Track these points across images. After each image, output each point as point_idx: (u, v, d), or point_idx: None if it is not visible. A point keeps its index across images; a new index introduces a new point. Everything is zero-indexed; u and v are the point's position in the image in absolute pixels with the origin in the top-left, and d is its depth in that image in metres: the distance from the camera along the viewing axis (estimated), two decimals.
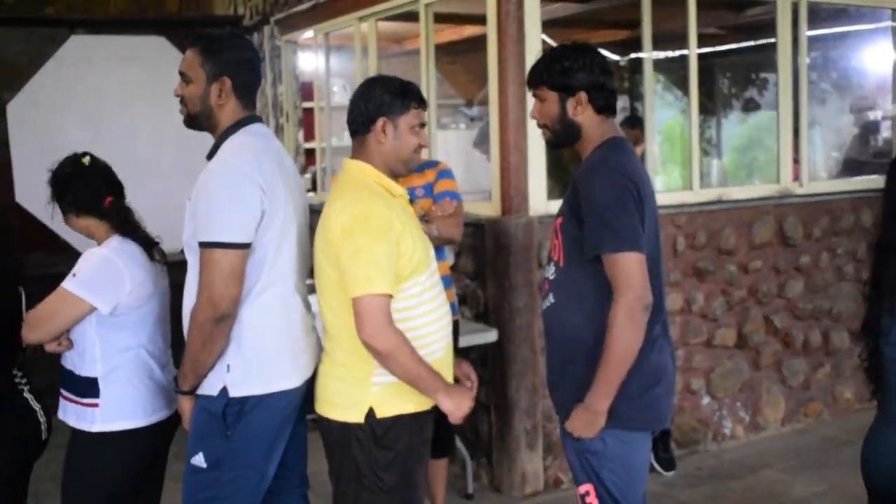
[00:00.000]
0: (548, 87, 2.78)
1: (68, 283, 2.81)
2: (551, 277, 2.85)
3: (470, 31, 7.13)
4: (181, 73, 2.85)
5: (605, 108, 2.79)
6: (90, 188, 2.93)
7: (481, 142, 7.17)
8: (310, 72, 7.10)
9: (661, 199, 5.19)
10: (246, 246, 2.66)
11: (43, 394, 3.11)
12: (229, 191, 2.66)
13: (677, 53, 7.27)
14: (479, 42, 7.25)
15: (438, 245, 3.43)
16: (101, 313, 2.83)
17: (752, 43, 8.04)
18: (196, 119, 2.86)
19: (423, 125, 2.84)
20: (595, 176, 2.71)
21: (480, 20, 6.90)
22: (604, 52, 8.68)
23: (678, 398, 5.20)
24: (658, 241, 2.84)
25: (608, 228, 2.60)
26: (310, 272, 2.89)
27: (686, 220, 5.14)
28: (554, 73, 2.77)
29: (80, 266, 2.85)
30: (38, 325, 2.85)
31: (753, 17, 6.90)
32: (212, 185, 2.69)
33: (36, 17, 6.80)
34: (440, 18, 5.86)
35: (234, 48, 2.82)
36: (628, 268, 2.58)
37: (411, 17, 5.86)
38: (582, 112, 2.75)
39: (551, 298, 2.84)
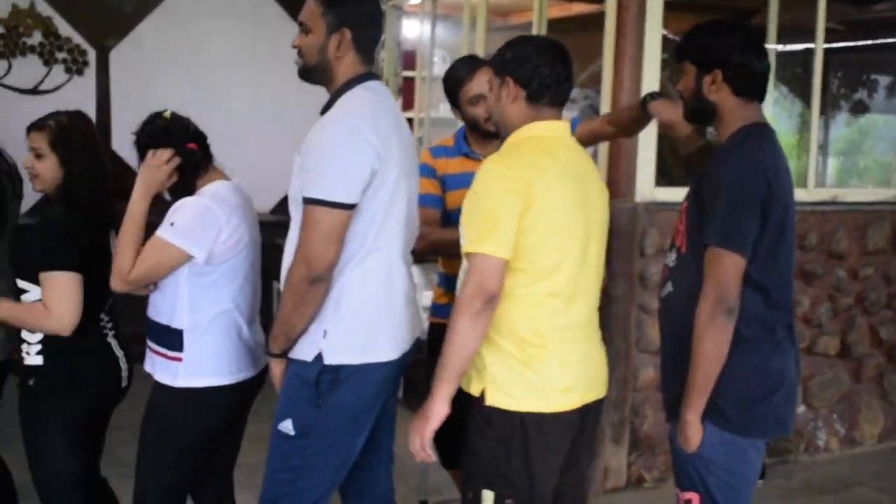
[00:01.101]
0: (688, 59, 2.61)
1: (166, 233, 2.72)
2: (671, 264, 2.68)
3: (578, 8, 6.93)
4: (300, 23, 2.70)
5: (746, 90, 2.59)
6: (173, 138, 2.83)
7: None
8: (412, 40, 6.96)
9: None
10: (351, 207, 2.52)
11: (128, 341, 3.05)
12: (340, 147, 2.53)
13: (791, 48, 6.96)
14: (586, 21, 7.09)
15: None
16: (196, 262, 2.74)
17: (870, 42, 7.71)
18: (312, 71, 2.71)
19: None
20: (725, 162, 2.53)
21: None
22: None
23: None
24: (791, 237, 2.63)
25: (721, 220, 2.43)
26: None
27: (798, 219, 4.87)
28: (691, 47, 2.62)
29: (177, 215, 2.75)
30: (139, 279, 2.76)
31: (878, 13, 6.56)
32: (323, 140, 2.56)
33: None
34: None
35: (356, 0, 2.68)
36: (723, 268, 2.42)
37: None
38: (717, 91, 2.56)
39: (669, 286, 2.67)
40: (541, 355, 2.52)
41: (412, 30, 6.88)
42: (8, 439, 3.44)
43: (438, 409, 2.49)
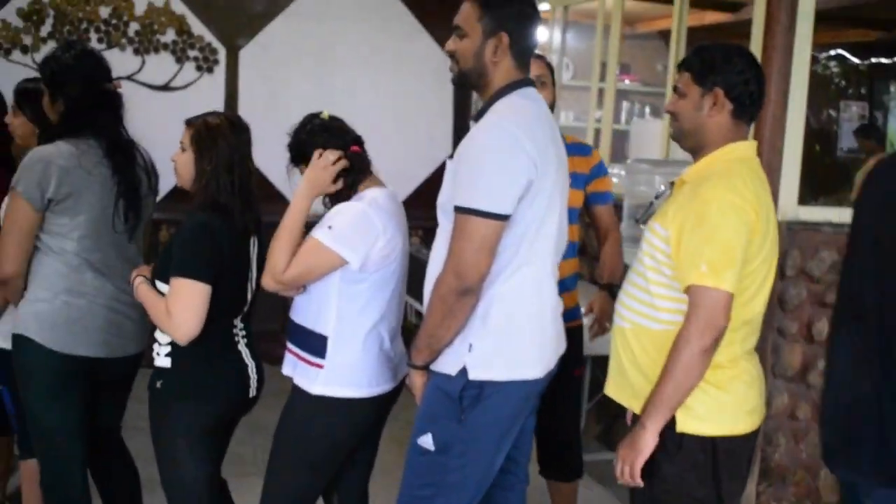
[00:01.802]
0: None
1: (322, 236, 2.68)
2: None
3: (711, 17, 6.78)
4: (455, 27, 2.62)
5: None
6: (335, 138, 2.80)
7: None
8: (541, 46, 6.87)
9: None
10: (505, 217, 2.44)
11: (268, 339, 3.05)
12: (496, 155, 2.45)
13: None
14: (718, 31, 6.96)
15: None
16: (349, 269, 2.70)
17: None
18: (466, 76, 2.63)
19: None
20: None
21: (729, 7, 6.63)
22: (844, 52, 8.15)
23: None
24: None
25: None
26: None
27: None
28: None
29: (336, 218, 2.71)
30: (294, 281, 2.73)
31: None
32: (478, 147, 2.50)
33: None
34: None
35: (514, 3, 2.59)
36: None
37: None
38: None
39: None
40: (733, 378, 2.46)
41: (540, 36, 6.77)
42: (134, 431, 3.46)
43: (650, 440, 2.40)
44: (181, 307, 2.66)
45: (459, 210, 2.45)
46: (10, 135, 3.48)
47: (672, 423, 2.42)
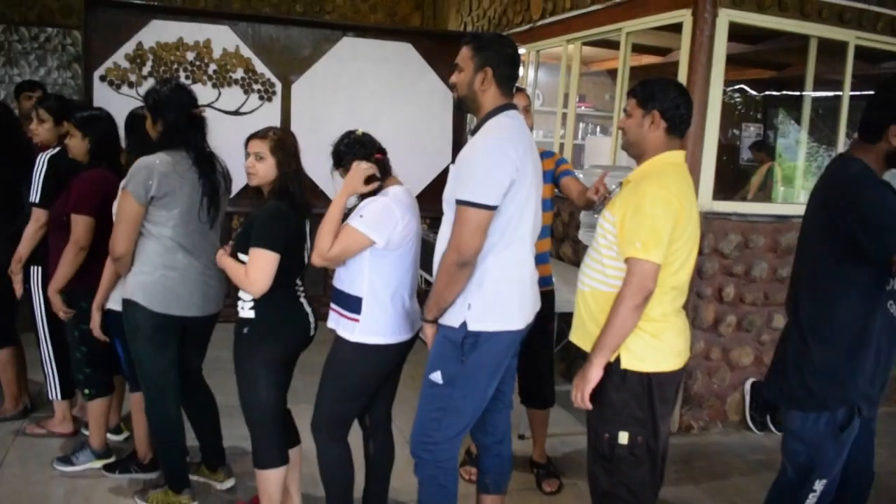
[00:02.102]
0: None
1: (356, 223, 2.67)
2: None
3: (647, 59, 6.70)
4: (455, 64, 2.65)
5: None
6: (366, 149, 2.79)
7: None
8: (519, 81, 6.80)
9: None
10: (493, 208, 2.46)
11: (313, 300, 3.03)
12: (487, 160, 2.47)
13: (814, 94, 6.62)
14: (652, 69, 6.89)
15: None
16: (377, 247, 2.69)
17: (870, 92, 7.29)
18: (464, 101, 2.66)
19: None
20: None
21: (661, 52, 6.55)
22: (745, 87, 7.99)
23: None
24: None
25: None
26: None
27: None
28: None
29: (366, 209, 2.70)
30: (336, 257, 2.71)
31: (887, 68, 6.18)
32: (473, 154, 2.50)
33: (319, 21, 6.76)
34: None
35: (498, 45, 2.61)
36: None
37: (608, 43, 5.52)
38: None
39: None
40: (665, 329, 2.47)
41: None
42: (213, 371, 3.47)
43: (596, 373, 2.43)
44: (256, 269, 2.70)
45: (459, 202, 2.47)
46: (120, 148, 3.43)
47: (618, 362, 2.44)
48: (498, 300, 2.57)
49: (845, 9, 4.48)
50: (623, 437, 2.47)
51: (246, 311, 2.82)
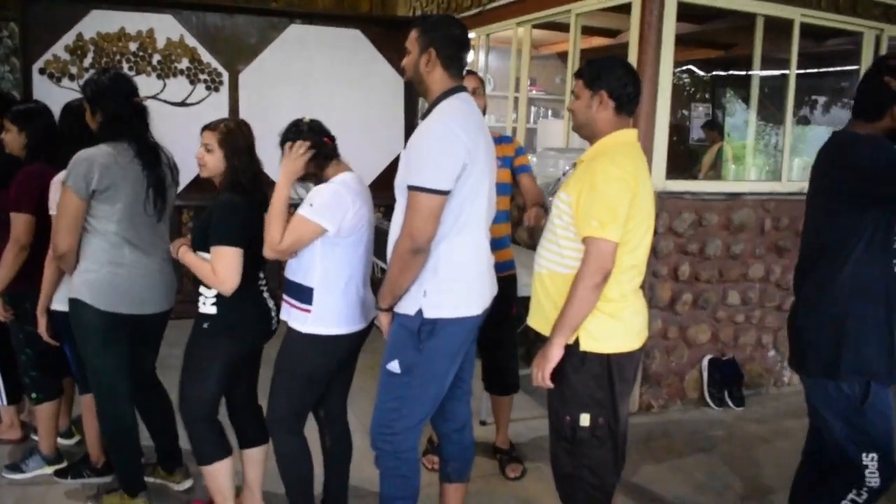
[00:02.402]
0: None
1: (306, 211, 2.59)
2: None
3: (597, 42, 6.70)
4: (404, 47, 2.56)
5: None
6: (315, 136, 2.71)
7: None
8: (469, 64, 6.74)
9: (756, 186, 4.79)
10: (445, 193, 2.39)
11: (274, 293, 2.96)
12: (438, 144, 2.40)
13: (761, 73, 6.71)
14: (602, 52, 6.89)
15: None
16: (328, 235, 2.62)
17: (816, 70, 7.41)
18: (413, 83, 2.60)
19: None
20: None
21: (611, 33, 6.55)
22: (693, 67, 8.06)
23: (751, 349, 4.80)
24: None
25: None
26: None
27: (774, 206, 4.68)
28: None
29: (315, 197, 2.62)
30: (287, 249, 2.63)
31: (831, 46, 6.27)
32: (424, 139, 2.43)
33: (266, 9, 6.62)
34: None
35: (443, 26, 2.52)
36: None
37: (558, 26, 5.49)
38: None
39: None
40: (623, 309, 2.44)
41: (469, 57, 6.63)
42: (166, 370, 3.35)
43: (556, 353, 2.41)
44: (224, 267, 2.64)
45: (411, 188, 2.40)
46: (59, 139, 3.29)
47: (577, 343, 2.42)
48: (454, 286, 2.52)
49: None
50: (584, 419, 2.46)
51: (208, 306, 2.74)
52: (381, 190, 4.25)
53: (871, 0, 4.82)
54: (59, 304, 3.09)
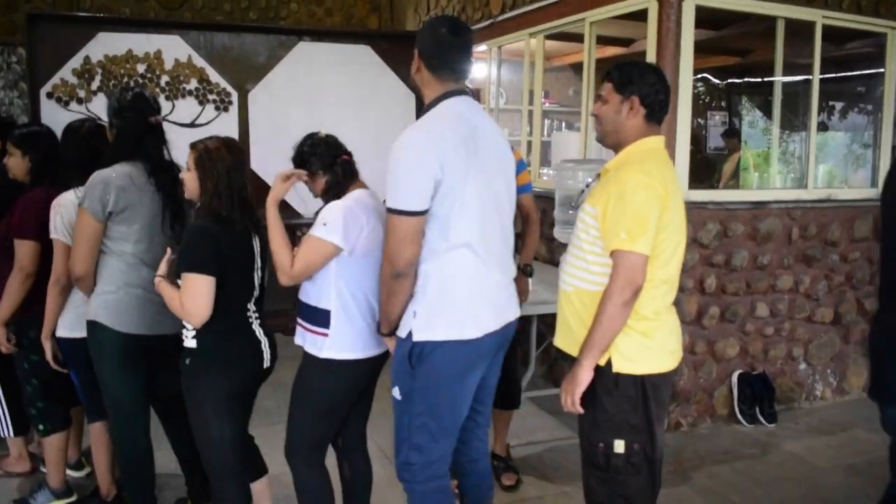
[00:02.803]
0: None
1: (319, 231, 2.47)
2: None
3: (610, 51, 6.57)
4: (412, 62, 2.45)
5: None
6: (331, 151, 2.60)
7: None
8: (479, 80, 6.63)
9: (781, 194, 4.64)
10: (419, 213, 2.23)
11: (284, 316, 2.80)
12: (406, 162, 2.24)
13: (784, 79, 6.58)
14: (615, 61, 6.76)
15: None
16: (343, 255, 2.48)
17: (835, 75, 7.25)
18: (421, 95, 2.46)
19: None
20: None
21: (624, 42, 6.43)
22: (708, 76, 7.89)
23: (781, 363, 4.63)
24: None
25: None
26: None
27: (800, 214, 4.53)
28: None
29: (327, 216, 2.49)
30: (301, 274, 2.50)
31: (850, 49, 6.12)
32: (394, 157, 2.26)
33: (274, 27, 6.56)
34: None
35: (428, 28, 2.38)
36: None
37: (570, 36, 5.38)
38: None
39: None
40: (656, 327, 2.30)
41: (479, 72, 6.53)
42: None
43: (586, 375, 2.26)
44: (190, 297, 2.44)
45: (388, 210, 2.27)
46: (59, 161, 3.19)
47: (609, 365, 2.27)
48: (444, 307, 2.34)
49: None
50: (619, 446, 2.30)
51: (189, 340, 2.56)
52: None
53: (894, 0, 4.68)
54: (64, 331, 2.99)
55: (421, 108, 6.60)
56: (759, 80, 7.98)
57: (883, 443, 4.16)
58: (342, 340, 2.54)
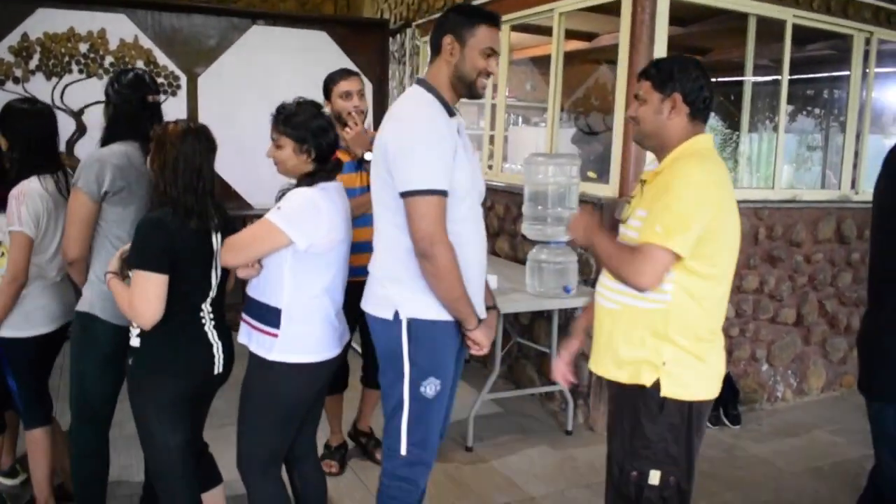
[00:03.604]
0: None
1: (273, 215, 2.26)
2: None
3: (572, 45, 6.46)
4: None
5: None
6: (335, 135, 2.41)
7: (578, 139, 6.63)
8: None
9: (749, 194, 4.60)
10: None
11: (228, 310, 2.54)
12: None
13: (753, 79, 6.56)
14: (573, 56, 6.68)
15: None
16: (297, 249, 2.27)
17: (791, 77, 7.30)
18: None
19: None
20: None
21: (587, 36, 6.34)
22: None
23: (745, 364, 4.59)
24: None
25: None
26: None
27: (767, 214, 4.49)
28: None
29: (287, 202, 2.29)
30: (239, 250, 2.30)
31: (810, 51, 6.13)
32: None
33: (226, 9, 6.27)
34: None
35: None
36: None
37: (534, 28, 5.26)
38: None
39: None
40: (710, 350, 2.11)
41: None
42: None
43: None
44: (139, 296, 2.22)
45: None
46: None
47: (657, 388, 2.08)
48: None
49: None
50: (654, 477, 2.12)
51: (133, 339, 2.34)
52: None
53: (861, 2, 4.67)
54: (9, 331, 2.76)
55: (380, 99, 6.40)
56: (726, 79, 7.97)
57: (846, 444, 4.21)
58: (293, 342, 2.34)
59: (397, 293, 2.26)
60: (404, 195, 2.15)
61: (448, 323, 2.27)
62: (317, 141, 2.34)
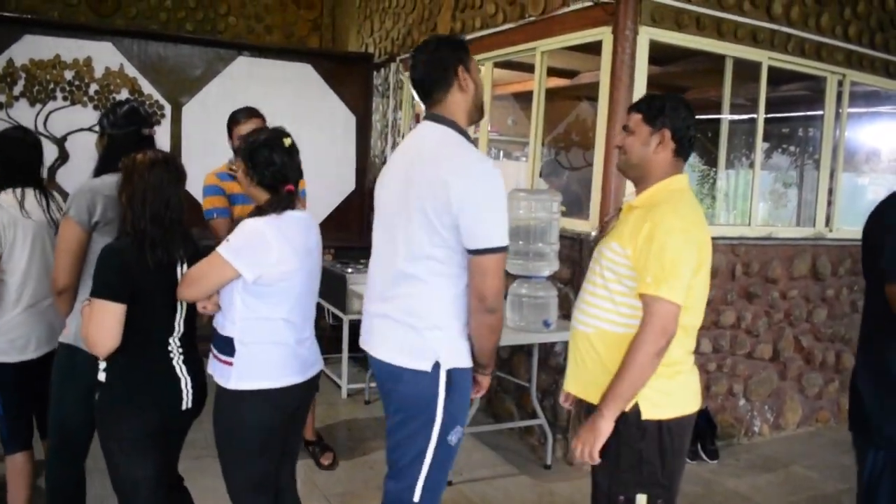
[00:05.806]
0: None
1: (221, 248, 2.26)
2: None
3: (554, 83, 6.54)
4: None
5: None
6: (293, 166, 2.40)
7: (548, 173, 6.68)
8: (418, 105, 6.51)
9: (727, 231, 4.65)
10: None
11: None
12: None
13: (730, 117, 6.66)
14: (553, 93, 6.75)
15: None
16: (247, 281, 2.26)
17: (772, 115, 7.42)
18: None
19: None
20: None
21: (568, 74, 6.42)
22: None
23: (722, 399, 4.61)
24: None
25: None
26: None
27: (744, 251, 4.54)
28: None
29: (235, 234, 2.29)
30: (191, 284, 2.30)
31: (785, 91, 6.24)
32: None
33: (212, 40, 6.30)
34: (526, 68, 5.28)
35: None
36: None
37: (516, 65, 5.32)
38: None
39: None
40: (678, 372, 2.15)
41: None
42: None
43: (608, 426, 2.09)
44: (94, 326, 2.22)
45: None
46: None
47: (636, 413, 2.11)
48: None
49: (758, 29, 4.42)
50: (641, 501, 2.13)
51: (100, 372, 2.32)
52: (332, 231, 3.95)
53: (834, 45, 4.77)
54: None
55: (362, 132, 6.44)
56: (703, 116, 8.08)
57: (821, 479, 4.21)
58: (250, 369, 2.32)
59: (438, 343, 2.21)
60: (479, 252, 2.14)
61: (471, 369, 2.29)
62: (259, 169, 2.36)
